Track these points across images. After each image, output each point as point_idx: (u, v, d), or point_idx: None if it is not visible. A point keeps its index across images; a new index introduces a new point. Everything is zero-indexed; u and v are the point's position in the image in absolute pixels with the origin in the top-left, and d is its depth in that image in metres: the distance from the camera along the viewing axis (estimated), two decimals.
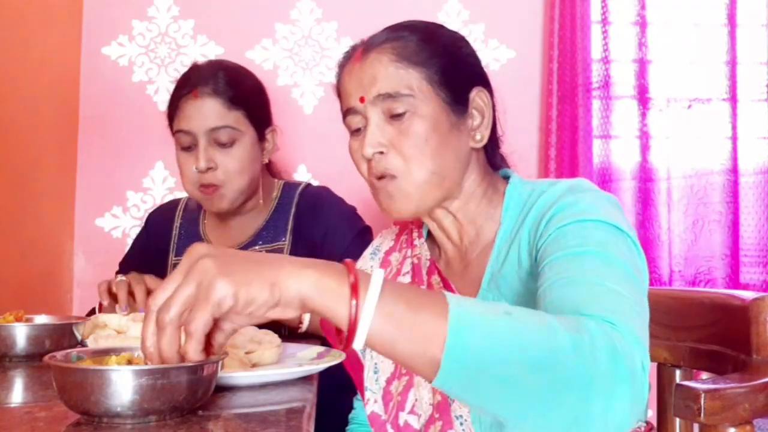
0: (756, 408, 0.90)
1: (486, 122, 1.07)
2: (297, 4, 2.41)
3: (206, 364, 0.77)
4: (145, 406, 0.73)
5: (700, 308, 1.16)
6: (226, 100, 1.52)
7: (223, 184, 1.53)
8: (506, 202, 1.07)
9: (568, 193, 0.96)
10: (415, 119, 1.02)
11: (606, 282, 0.81)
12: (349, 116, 1.07)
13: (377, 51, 1.04)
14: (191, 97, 1.52)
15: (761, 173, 2.32)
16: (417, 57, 1.03)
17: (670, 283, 2.29)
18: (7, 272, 1.88)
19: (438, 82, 1.03)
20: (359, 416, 1.25)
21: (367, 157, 1.04)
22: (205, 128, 1.51)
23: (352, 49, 1.09)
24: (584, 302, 0.78)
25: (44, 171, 2.16)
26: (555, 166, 2.28)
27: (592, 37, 2.32)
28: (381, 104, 1.02)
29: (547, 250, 0.91)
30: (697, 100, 2.34)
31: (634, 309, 0.79)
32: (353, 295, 0.68)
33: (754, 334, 1.03)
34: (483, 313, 0.70)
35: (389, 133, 1.03)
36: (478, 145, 1.07)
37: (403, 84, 1.01)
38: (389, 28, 1.08)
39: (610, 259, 0.85)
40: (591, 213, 0.91)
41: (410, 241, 1.18)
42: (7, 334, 1.11)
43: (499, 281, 1.01)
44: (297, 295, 0.69)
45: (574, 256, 0.86)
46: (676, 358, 1.19)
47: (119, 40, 2.38)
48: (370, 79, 1.03)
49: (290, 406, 0.88)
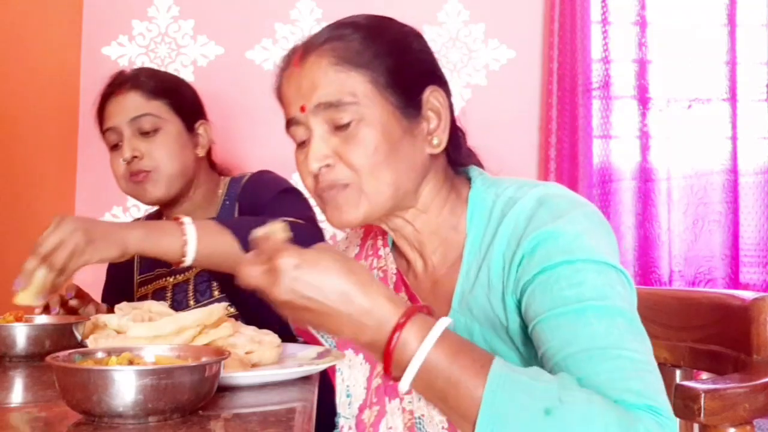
0: (756, 408, 0.90)
1: (443, 124, 0.98)
2: (297, 4, 2.41)
3: (209, 364, 0.77)
4: (148, 407, 0.73)
5: (700, 308, 1.16)
6: (146, 91, 1.54)
7: (151, 169, 1.52)
8: (470, 210, 0.99)
9: (542, 216, 0.89)
10: (362, 128, 0.93)
11: (622, 351, 0.80)
12: (291, 127, 0.98)
13: (316, 54, 0.95)
14: (112, 96, 1.55)
15: (761, 173, 2.32)
16: (360, 58, 0.94)
17: (670, 283, 2.29)
18: (7, 272, 1.88)
19: (385, 84, 0.94)
20: None
21: (314, 172, 0.95)
22: (127, 119, 1.53)
23: (291, 51, 1.00)
24: (618, 384, 0.77)
25: (44, 171, 2.16)
26: (555, 166, 2.28)
27: (592, 37, 2.32)
28: (323, 113, 0.94)
29: (537, 299, 0.86)
30: (697, 100, 2.33)
31: (653, 374, 0.80)
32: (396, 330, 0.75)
33: (754, 334, 1.03)
34: (519, 410, 0.71)
35: (334, 143, 0.94)
36: (437, 150, 0.98)
37: (345, 90, 0.93)
38: (331, 26, 0.98)
39: (613, 312, 0.83)
40: (577, 250, 0.86)
41: (375, 249, 1.11)
42: (7, 334, 1.11)
43: (470, 302, 0.95)
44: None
45: (575, 315, 0.82)
46: (676, 358, 1.19)
47: (119, 40, 2.38)
48: (309, 85, 0.94)
49: (290, 406, 0.88)
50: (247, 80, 2.37)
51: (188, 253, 1.25)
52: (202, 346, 0.97)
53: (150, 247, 1.24)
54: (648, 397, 0.76)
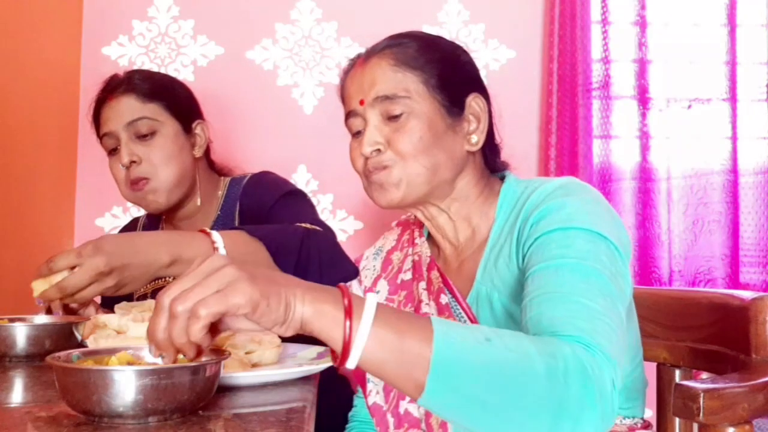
0: (755, 408, 0.90)
1: (482, 126, 1.12)
2: (297, 4, 2.41)
3: (209, 364, 0.77)
4: (148, 407, 0.73)
5: (700, 308, 1.16)
6: (141, 94, 1.53)
7: (150, 176, 1.51)
8: (500, 200, 1.12)
9: (557, 193, 1.00)
10: (411, 119, 1.07)
11: (581, 298, 0.86)
12: (350, 119, 1.13)
13: (377, 56, 1.10)
14: (108, 102, 1.54)
15: (761, 173, 2.32)
16: (415, 62, 1.09)
17: (670, 283, 2.29)
18: (7, 272, 1.88)
19: (434, 86, 1.09)
20: (359, 414, 1.26)
21: (365, 155, 1.09)
22: (123, 123, 1.51)
23: (356, 56, 1.16)
24: (560, 322, 0.84)
25: (44, 171, 2.16)
26: (555, 166, 2.28)
27: (592, 37, 2.32)
28: (379, 106, 1.08)
29: (532, 258, 0.96)
30: (697, 100, 2.34)
31: (607, 324, 0.85)
32: (347, 318, 0.74)
33: (754, 334, 1.03)
34: (464, 339, 0.76)
35: (386, 132, 1.08)
36: (474, 148, 1.12)
37: (400, 87, 1.07)
38: (391, 37, 1.14)
39: (588, 271, 0.90)
40: (575, 220, 0.95)
41: (411, 240, 1.23)
42: (7, 334, 1.11)
43: (492, 273, 1.06)
44: (300, 319, 0.74)
45: (554, 269, 0.91)
46: (675, 358, 1.20)
47: (119, 40, 2.39)
48: (369, 82, 1.09)
49: (290, 406, 0.88)
50: (247, 80, 2.38)
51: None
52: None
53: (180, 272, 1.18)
54: (587, 334, 0.82)
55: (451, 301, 1.08)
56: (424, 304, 1.12)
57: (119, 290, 1.18)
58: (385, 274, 1.22)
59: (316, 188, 2.37)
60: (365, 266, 1.27)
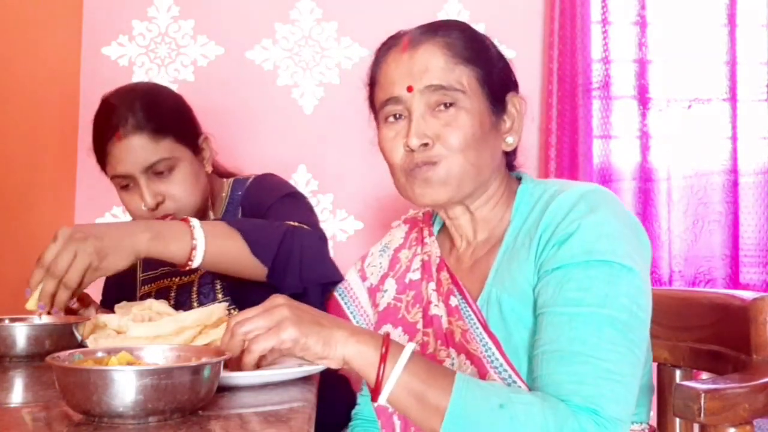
0: (756, 408, 0.90)
1: (517, 126, 1.11)
2: (297, 4, 2.41)
3: (209, 364, 0.77)
4: (148, 407, 0.73)
5: (700, 308, 1.16)
6: (151, 132, 1.45)
7: (176, 211, 1.47)
8: (517, 202, 1.09)
9: (581, 209, 0.97)
10: (462, 113, 1.04)
11: (592, 356, 0.89)
12: (389, 105, 1.07)
13: (430, 43, 1.05)
14: (115, 140, 1.46)
15: (761, 173, 2.32)
16: (468, 55, 1.05)
17: (670, 283, 2.29)
18: (7, 272, 1.88)
19: (484, 82, 1.06)
20: (363, 412, 1.26)
21: (412, 147, 1.04)
22: (140, 168, 1.45)
23: (394, 38, 1.10)
24: (568, 389, 0.88)
25: (44, 171, 2.16)
26: (555, 166, 2.28)
27: (592, 37, 2.32)
28: (430, 95, 1.04)
29: (549, 289, 0.95)
30: (697, 100, 2.34)
31: (616, 383, 0.89)
32: (381, 363, 0.88)
33: (754, 334, 1.03)
34: (479, 404, 0.86)
35: (434, 125, 1.04)
36: (509, 148, 1.11)
37: (454, 79, 1.04)
38: (436, 23, 1.10)
39: (603, 321, 0.91)
40: (597, 251, 0.93)
41: (420, 238, 1.21)
42: (7, 334, 1.11)
43: (504, 276, 1.04)
44: (342, 357, 0.89)
45: (568, 318, 0.92)
46: (676, 358, 1.20)
47: (119, 40, 2.39)
48: (421, 69, 1.04)
49: (290, 406, 0.88)
50: (247, 80, 2.38)
51: (196, 257, 1.24)
52: (202, 346, 0.97)
53: (159, 251, 1.23)
54: (594, 403, 0.86)
55: (461, 303, 1.06)
56: (433, 305, 1.10)
57: (103, 261, 1.16)
58: (393, 273, 1.20)
59: (316, 188, 2.36)
60: (371, 263, 1.24)
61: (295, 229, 1.35)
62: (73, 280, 1.14)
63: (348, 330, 0.90)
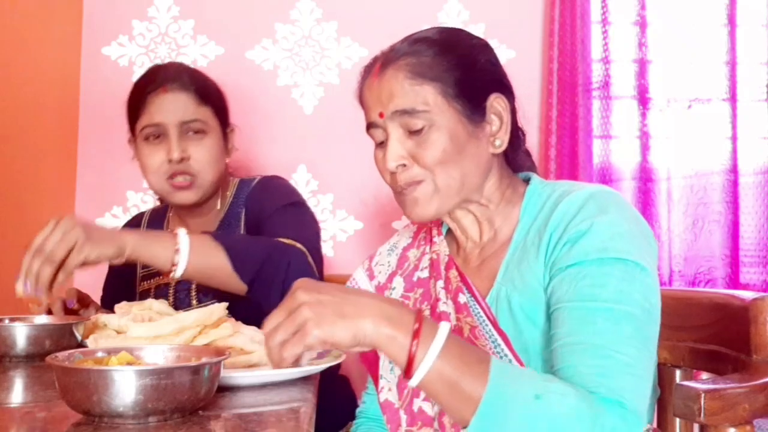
0: (756, 408, 0.90)
1: (505, 127, 1.11)
2: (297, 4, 2.41)
3: (209, 364, 0.77)
4: (148, 407, 0.73)
5: (700, 308, 1.16)
6: (197, 95, 1.54)
7: (197, 174, 1.52)
8: (525, 202, 1.11)
9: (590, 208, 0.99)
10: (433, 132, 1.06)
11: (612, 349, 0.90)
12: (371, 129, 1.12)
13: (393, 67, 1.08)
14: (161, 92, 1.52)
15: (761, 173, 2.32)
16: (432, 72, 1.06)
17: (670, 283, 2.29)
18: (7, 272, 1.88)
19: (453, 95, 1.07)
20: (368, 410, 1.26)
21: (391, 170, 1.09)
22: (177, 120, 1.51)
23: (372, 62, 1.13)
24: (592, 380, 0.88)
25: (44, 171, 2.16)
26: (555, 166, 2.28)
27: (592, 37, 2.32)
28: (399, 119, 1.07)
29: (563, 286, 0.97)
30: (697, 100, 2.34)
31: (636, 376, 0.89)
32: (413, 345, 0.83)
33: (754, 334, 1.03)
34: (515, 395, 0.84)
35: (409, 146, 1.07)
36: (498, 150, 1.11)
37: (418, 100, 1.05)
38: (407, 41, 1.11)
39: (620, 316, 0.92)
40: (611, 249, 0.95)
41: (429, 238, 1.23)
42: (7, 334, 1.12)
43: (513, 275, 1.05)
44: (371, 343, 0.84)
45: (586, 313, 0.93)
46: (676, 358, 1.20)
47: (119, 40, 2.39)
48: (387, 95, 1.07)
49: (290, 406, 0.88)
50: (247, 80, 2.37)
51: (179, 264, 1.29)
52: (202, 346, 0.97)
53: (143, 252, 1.28)
54: (620, 395, 0.87)
55: (470, 300, 1.08)
56: (442, 302, 1.11)
57: (89, 243, 1.21)
58: (401, 271, 1.21)
59: (316, 188, 2.36)
60: (379, 262, 1.26)
61: (286, 247, 1.38)
62: (57, 255, 1.19)
63: (375, 314, 0.84)
